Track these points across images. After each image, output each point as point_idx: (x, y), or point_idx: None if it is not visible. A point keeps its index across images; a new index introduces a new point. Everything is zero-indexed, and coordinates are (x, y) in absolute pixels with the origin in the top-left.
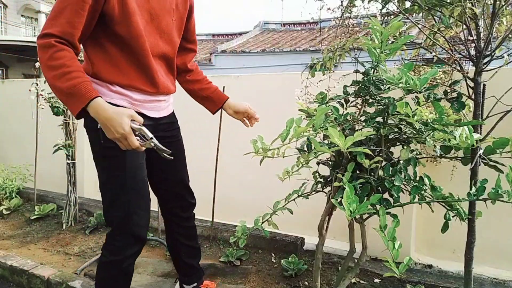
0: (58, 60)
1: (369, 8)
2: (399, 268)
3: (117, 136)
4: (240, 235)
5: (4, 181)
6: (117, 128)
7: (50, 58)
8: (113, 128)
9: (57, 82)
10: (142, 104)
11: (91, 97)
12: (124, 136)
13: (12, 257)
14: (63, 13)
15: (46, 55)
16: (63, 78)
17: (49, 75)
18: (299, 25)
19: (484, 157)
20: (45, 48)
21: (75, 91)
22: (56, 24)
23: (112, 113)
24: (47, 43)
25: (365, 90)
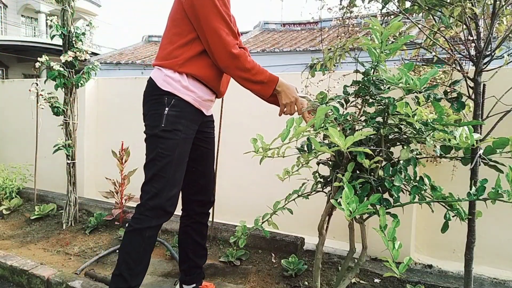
0: (252, 62)
1: (369, 8)
2: (399, 268)
3: (293, 100)
4: (240, 235)
5: (4, 181)
6: (294, 94)
7: (247, 61)
8: (291, 95)
9: (259, 75)
10: (202, 102)
11: (277, 80)
12: (296, 100)
13: (12, 257)
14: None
15: (244, 59)
16: (260, 73)
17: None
18: (299, 25)
19: (484, 157)
20: (241, 56)
21: (268, 79)
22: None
23: (289, 87)
24: (242, 52)
25: (365, 90)
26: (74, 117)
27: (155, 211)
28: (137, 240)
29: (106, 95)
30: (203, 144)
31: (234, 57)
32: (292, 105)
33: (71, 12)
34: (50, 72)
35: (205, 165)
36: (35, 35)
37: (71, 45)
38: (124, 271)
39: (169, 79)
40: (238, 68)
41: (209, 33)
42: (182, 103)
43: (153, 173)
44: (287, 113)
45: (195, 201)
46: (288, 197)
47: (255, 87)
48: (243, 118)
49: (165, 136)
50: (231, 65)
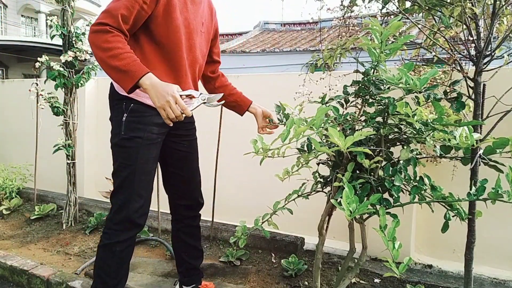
0: (113, 43)
1: (370, 8)
2: (399, 268)
3: (168, 98)
4: (240, 235)
5: (4, 181)
6: (168, 91)
7: (105, 41)
8: (164, 93)
9: (112, 61)
10: None
11: (144, 72)
12: (175, 98)
13: (12, 257)
14: (116, 6)
15: (102, 38)
16: (119, 57)
17: (104, 55)
18: (299, 25)
19: (484, 157)
20: (100, 32)
21: (130, 68)
22: (111, 15)
23: (162, 82)
24: (103, 29)
25: (365, 90)
26: (74, 117)
27: (122, 225)
28: (108, 255)
29: (106, 95)
30: (181, 148)
31: (93, 31)
32: (169, 106)
33: (71, 12)
34: (50, 72)
35: (187, 169)
36: (35, 35)
37: (71, 45)
38: (99, 285)
39: None
40: (94, 45)
41: None
42: (141, 107)
43: (117, 184)
44: (165, 116)
45: (181, 206)
46: (288, 197)
47: (112, 74)
48: (243, 119)
49: (125, 145)
50: (90, 39)
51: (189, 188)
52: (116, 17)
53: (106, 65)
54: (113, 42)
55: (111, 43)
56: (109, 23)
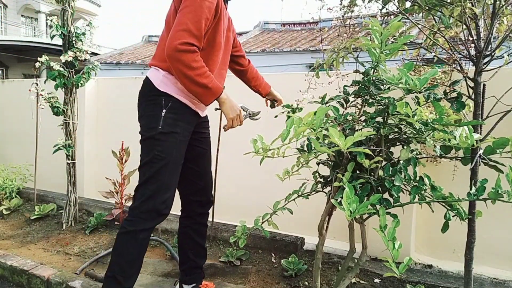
0: (199, 62)
1: (370, 8)
2: (399, 268)
3: (237, 113)
4: (240, 235)
5: (4, 181)
6: (237, 107)
7: (194, 61)
8: (235, 107)
9: (200, 79)
10: (198, 103)
11: (222, 90)
12: (240, 112)
13: (12, 257)
14: (198, 26)
15: (191, 58)
16: (204, 75)
17: (193, 73)
18: (299, 25)
19: (484, 157)
20: (189, 52)
21: (213, 85)
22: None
23: (232, 100)
24: (191, 49)
25: (365, 90)
26: (74, 117)
27: (149, 214)
28: (131, 242)
29: (106, 95)
30: (199, 145)
31: (181, 50)
32: (237, 118)
33: (71, 12)
34: (50, 72)
35: (203, 166)
36: (35, 35)
37: (71, 45)
38: (118, 273)
39: (167, 80)
40: (181, 62)
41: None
42: (179, 105)
43: (148, 175)
44: (233, 126)
45: (194, 202)
46: (288, 197)
47: (197, 89)
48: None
49: (162, 139)
50: (174, 56)
51: (204, 185)
52: (200, 38)
53: (194, 82)
54: (199, 61)
55: (198, 62)
56: (195, 43)
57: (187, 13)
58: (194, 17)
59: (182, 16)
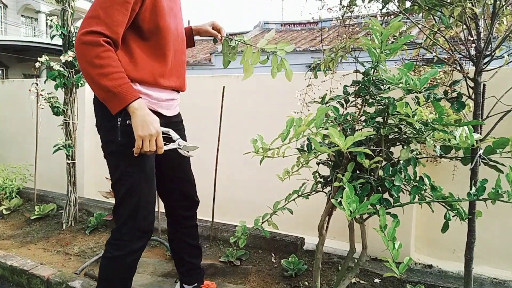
0: (105, 60)
1: (369, 8)
2: (399, 268)
3: (151, 132)
4: (240, 235)
5: (4, 181)
6: (155, 124)
7: (97, 57)
8: (151, 125)
9: (102, 80)
10: (159, 103)
11: (134, 97)
12: (157, 134)
13: (12, 257)
14: (109, 12)
15: (93, 52)
16: (109, 77)
17: (94, 72)
18: (299, 25)
19: (484, 157)
20: (92, 45)
21: (121, 90)
22: (103, 23)
23: (150, 113)
24: (95, 41)
25: (365, 90)
26: (74, 117)
27: (132, 234)
28: (119, 267)
29: None
30: None
31: (83, 41)
32: (152, 140)
33: (71, 12)
34: (50, 72)
35: (181, 170)
36: (35, 35)
37: (71, 45)
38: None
39: None
40: (84, 58)
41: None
42: None
43: (122, 194)
44: (143, 150)
45: (179, 207)
46: (288, 197)
47: (100, 93)
48: (243, 118)
49: (124, 152)
50: (78, 50)
51: (185, 188)
52: (112, 26)
53: (95, 83)
54: (105, 58)
55: (103, 59)
56: (104, 32)
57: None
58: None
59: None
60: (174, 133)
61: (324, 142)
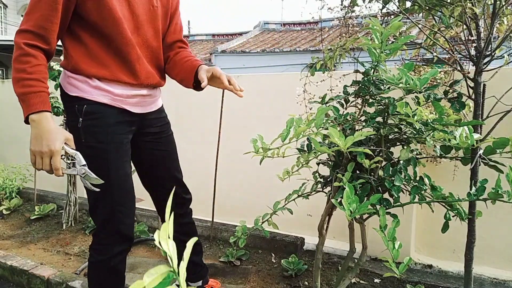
0: (21, 64)
1: (370, 8)
2: (399, 268)
3: (44, 150)
4: (240, 235)
5: (4, 181)
6: (50, 142)
7: (15, 60)
8: (45, 141)
9: (15, 85)
10: (124, 99)
11: (35, 110)
12: (51, 153)
13: (12, 257)
14: (38, 7)
15: (14, 55)
16: (20, 84)
17: (13, 75)
18: (299, 25)
19: (484, 157)
20: (16, 47)
21: (25, 98)
22: (31, 19)
23: (52, 128)
24: (17, 43)
25: (365, 90)
26: None
27: (112, 238)
28: (103, 271)
29: None
30: (155, 147)
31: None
32: (41, 157)
33: None
34: (50, 72)
35: (168, 168)
36: None
37: None
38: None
39: (74, 81)
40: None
41: None
42: (97, 107)
43: (95, 197)
44: (36, 167)
45: None
46: (288, 197)
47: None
48: (243, 118)
49: (90, 154)
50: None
51: (171, 188)
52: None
53: (15, 88)
54: (23, 63)
55: (20, 63)
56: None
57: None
58: None
59: None
60: (81, 157)
61: (324, 142)
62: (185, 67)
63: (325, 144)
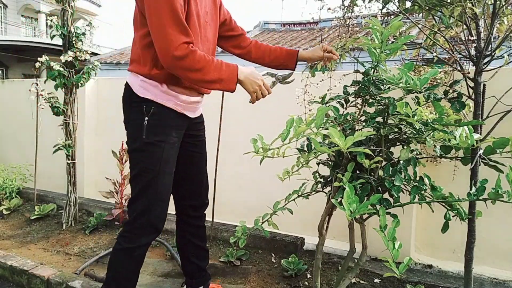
0: (201, 61)
1: (370, 8)
2: (399, 268)
3: (259, 83)
4: (240, 235)
5: (4, 181)
6: (256, 77)
7: (195, 61)
8: (254, 79)
9: (210, 76)
10: (185, 105)
11: (236, 69)
12: (262, 81)
13: (12, 257)
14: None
15: (191, 60)
16: (212, 70)
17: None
18: (299, 25)
19: (484, 157)
20: (187, 56)
21: (225, 74)
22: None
23: (250, 71)
24: (187, 50)
25: (365, 90)
26: (74, 117)
27: (144, 229)
28: (127, 259)
29: (106, 95)
30: (192, 148)
31: (178, 58)
32: (261, 89)
33: (71, 12)
34: (50, 72)
35: (196, 170)
36: (35, 35)
37: (71, 45)
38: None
39: (146, 85)
40: (186, 69)
41: (154, 29)
42: (162, 110)
43: (139, 189)
44: (259, 98)
45: (188, 206)
46: (288, 197)
47: (214, 86)
48: (243, 118)
49: (148, 149)
50: (175, 66)
51: (197, 189)
52: (185, 28)
53: (206, 81)
54: (201, 60)
55: (200, 61)
56: (186, 39)
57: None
58: (169, 8)
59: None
60: (271, 71)
61: (324, 142)
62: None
63: (325, 144)
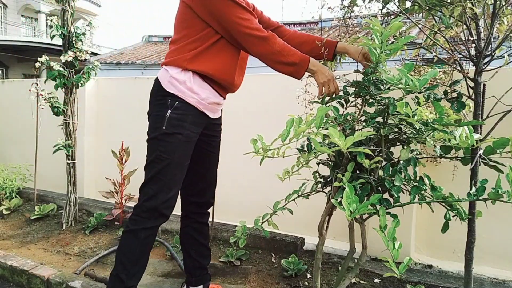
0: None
1: (370, 8)
2: (399, 268)
3: (330, 77)
4: (240, 235)
5: (4, 181)
6: (329, 71)
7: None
8: (327, 72)
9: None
10: (206, 105)
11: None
12: (333, 78)
13: (12, 257)
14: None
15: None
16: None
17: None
18: (299, 25)
19: (484, 157)
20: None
21: (302, 58)
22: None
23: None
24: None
25: (365, 90)
26: (74, 117)
27: (150, 213)
28: (133, 241)
29: (106, 95)
30: (207, 147)
31: (263, 39)
32: (330, 83)
33: (71, 12)
34: (50, 72)
35: (207, 168)
36: (35, 35)
37: (71, 45)
38: (121, 271)
39: (174, 81)
40: (269, 52)
41: (231, 27)
42: (185, 106)
43: (151, 175)
44: (327, 92)
45: (192, 203)
46: (288, 197)
47: (288, 69)
48: (243, 118)
49: (166, 139)
50: (263, 50)
51: (204, 187)
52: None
53: (283, 64)
54: (280, 43)
55: (279, 44)
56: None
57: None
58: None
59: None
60: None
61: (324, 142)
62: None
63: (325, 144)
